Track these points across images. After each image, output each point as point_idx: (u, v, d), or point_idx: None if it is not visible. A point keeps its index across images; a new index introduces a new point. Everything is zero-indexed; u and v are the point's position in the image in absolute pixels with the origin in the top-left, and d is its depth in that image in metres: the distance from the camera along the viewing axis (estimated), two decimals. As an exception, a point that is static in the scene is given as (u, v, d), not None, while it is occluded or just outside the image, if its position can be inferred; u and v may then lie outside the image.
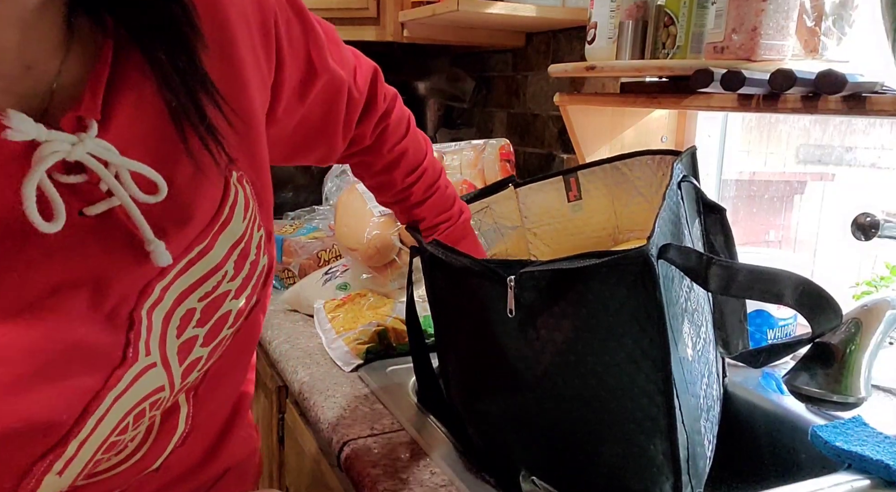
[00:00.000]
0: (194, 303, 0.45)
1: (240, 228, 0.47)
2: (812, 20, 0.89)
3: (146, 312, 0.42)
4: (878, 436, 0.69)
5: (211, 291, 0.46)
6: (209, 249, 0.45)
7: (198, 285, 0.45)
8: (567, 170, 0.95)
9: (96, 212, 0.40)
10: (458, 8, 1.26)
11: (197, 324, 0.45)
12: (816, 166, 1.17)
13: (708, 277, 0.56)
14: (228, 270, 0.46)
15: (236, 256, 0.47)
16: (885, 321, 0.67)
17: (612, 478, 0.60)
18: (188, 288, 0.44)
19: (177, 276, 0.43)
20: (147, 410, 0.44)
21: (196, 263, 0.44)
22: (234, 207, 0.47)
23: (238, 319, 0.49)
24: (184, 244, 0.44)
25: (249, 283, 0.49)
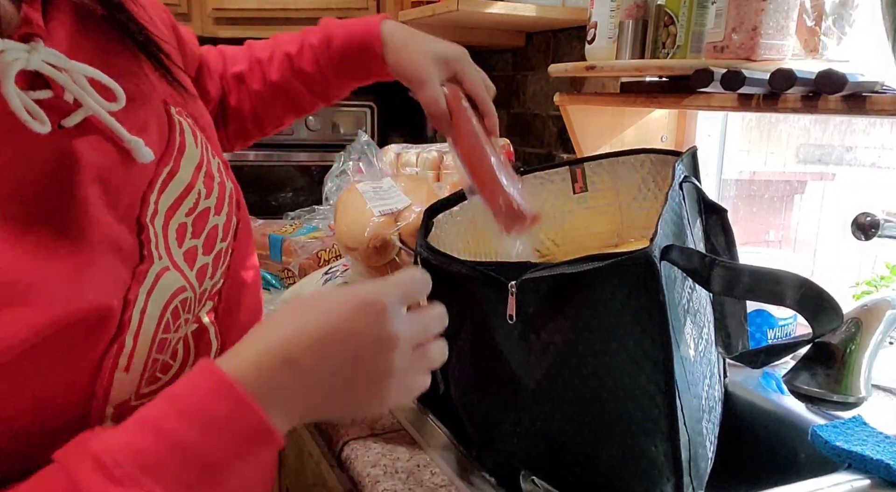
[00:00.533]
0: (183, 217, 0.48)
1: (196, 153, 0.51)
2: (812, 20, 0.89)
3: (149, 221, 0.45)
4: (878, 436, 0.69)
5: (193, 208, 0.49)
6: (176, 170, 0.48)
7: (179, 202, 0.48)
8: (573, 160, 0.94)
9: (73, 122, 0.42)
10: (457, 8, 1.26)
11: (192, 236, 0.48)
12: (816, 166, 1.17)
13: (711, 279, 0.56)
14: (200, 189, 0.50)
15: (203, 177, 0.51)
16: (885, 321, 0.67)
17: (612, 479, 0.60)
18: (172, 204, 0.47)
19: (159, 192, 0.46)
20: (181, 311, 0.46)
21: (169, 184, 0.47)
22: (183, 134, 0.50)
23: (227, 234, 0.53)
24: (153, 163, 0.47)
25: (224, 202, 0.53)
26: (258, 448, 0.38)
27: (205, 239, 0.49)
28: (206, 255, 0.49)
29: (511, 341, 0.61)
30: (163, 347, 0.45)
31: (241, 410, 0.36)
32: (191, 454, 0.36)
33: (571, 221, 0.96)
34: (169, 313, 0.44)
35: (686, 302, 0.63)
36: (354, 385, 0.40)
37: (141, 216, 0.44)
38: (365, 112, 1.82)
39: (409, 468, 0.69)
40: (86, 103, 0.42)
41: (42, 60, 0.40)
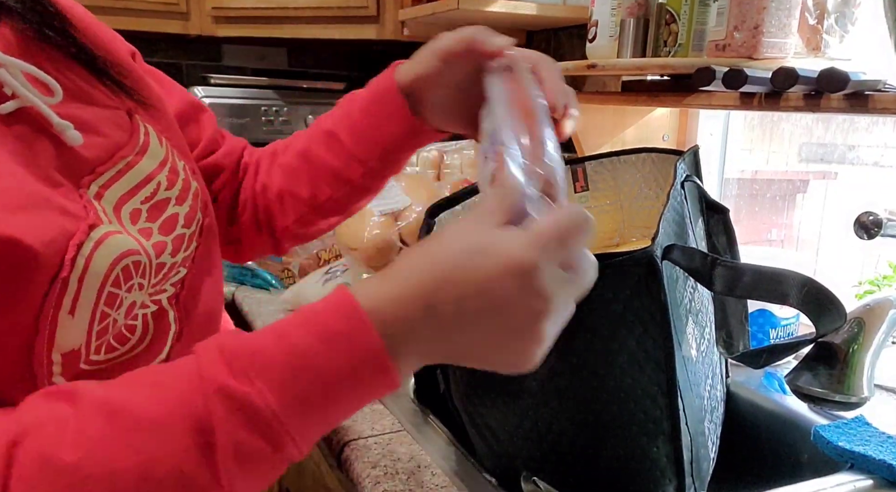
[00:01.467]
0: (138, 204, 0.51)
1: (161, 151, 0.55)
2: (814, 18, 0.88)
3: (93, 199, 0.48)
4: (880, 436, 0.69)
5: (151, 196, 0.52)
6: (135, 163, 0.52)
7: (137, 190, 0.51)
8: (574, 159, 0.94)
9: (8, 110, 0.45)
10: (458, 6, 1.26)
11: (147, 219, 0.51)
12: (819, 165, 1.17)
13: (713, 278, 0.55)
14: (161, 180, 0.53)
15: (167, 171, 0.54)
16: (888, 321, 0.66)
17: (614, 480, 0.60)
18: (128, 192, 0.51)
19: (112, 180, 0.50)
20: (133, 272, 0.48)
21: (126, 174, 0.51)
22: (147, 136, 0.54)
23: (189, 223, 0.55)
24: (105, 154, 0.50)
25: (188, 195, 0.56)
26: (372, 377, 0.38)
27: (161, 222, 0.52)
28: (164, 235, 0.52)
29: (512, 342, 0.61)
30: (112, 301, 0.46)
31: (362, 334, 0.37)
32: (305, 362, 0.37)
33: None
34: (119, 269, 0.47)
35: (688, 302, 0.63)
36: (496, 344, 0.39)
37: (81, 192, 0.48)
38: (365, 111, 1.81)
39: (409, 469, 0.69)
40: (20, 94, 0.45)
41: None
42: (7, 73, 0.45)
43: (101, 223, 0.46)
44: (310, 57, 2.09)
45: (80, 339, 0.45)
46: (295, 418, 0.37)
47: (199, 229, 0.57)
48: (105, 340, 0.47)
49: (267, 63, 2.04)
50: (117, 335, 0.48)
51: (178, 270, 0.54)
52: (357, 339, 0.37)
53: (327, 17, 1.54)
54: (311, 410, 0.38)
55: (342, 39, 1.57)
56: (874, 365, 0.64)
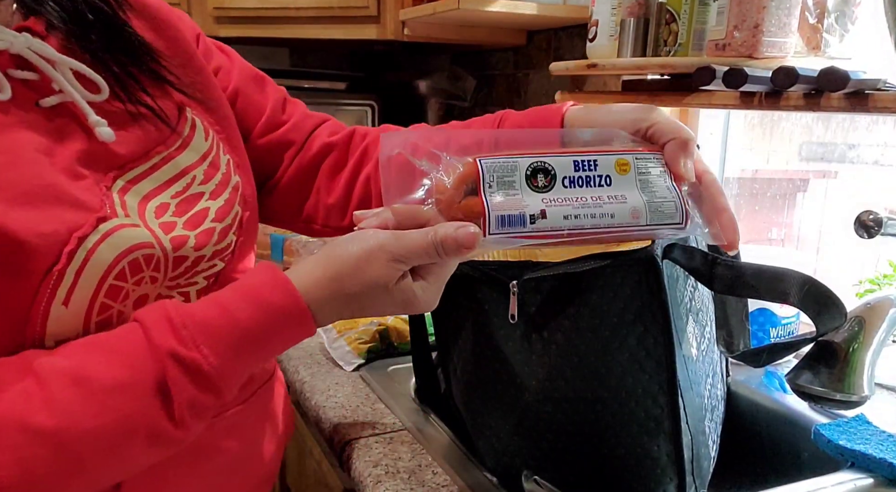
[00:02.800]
0: (167, 198, 0.53)
1: (204, 145, 0.57)
2: (814, 17, 0.88)
3: (117, 193, 0.50)
4: (881, 434, 0.69)
5: (182, 191, 0.54)
6: (173, 157, 0.54)
7: (169, 185, 0.53)
8: None
9: (50, 103, 0.48)
10: (458, 6, 1.26)
11: (173, 214, 0.53)
12: (819, 164, 1.17)
13: (713, 277, 0.56)
14: (198, 175, 0.55)
15: (206, 166, 0.56)
16: (888, 319, 0.67)
17: (615, 479, 0.60)
18: (159, 186, 0.52)
19: (143, 175, 0.52)
20: (143, 265, 0.49)
21: (161, 168, 0.53)
22: (193, 129, 0.56)
23: (223, 217, 0.56)
24: (140, 150, 0.52)
25: (224, 189, 0.57)
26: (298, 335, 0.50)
27: (190, 217, 0.54)
28: (188, 229, 0.53)
29: (513, 341, 0.61)
30: (116, 293, 0.48)
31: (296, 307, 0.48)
32: (245, 330, 0.46)
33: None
34: (126, 262, 0.48)
35: (688, 301, 0.63)
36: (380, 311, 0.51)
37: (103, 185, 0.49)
38: (366, 111, 1.82)
39: (410, 468, 0.69)
40: (65, 90, 0.48)
41: (26, 46, 0.47)
42: (54, 70, 0.48)
43: (113, 216, 0.48)
44: (311, 57, 2.09)
45: (75, 329, 0.46)
46: (234, 374, 0.47)
47: (239, 223, 0.58)
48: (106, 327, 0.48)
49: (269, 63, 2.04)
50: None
51: (213, 263, 0.55)
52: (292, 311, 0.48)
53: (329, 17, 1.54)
54: (247, 363, 0.48)
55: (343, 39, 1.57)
56: (874, 364, 0.64)
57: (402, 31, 1.48)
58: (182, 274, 0.53)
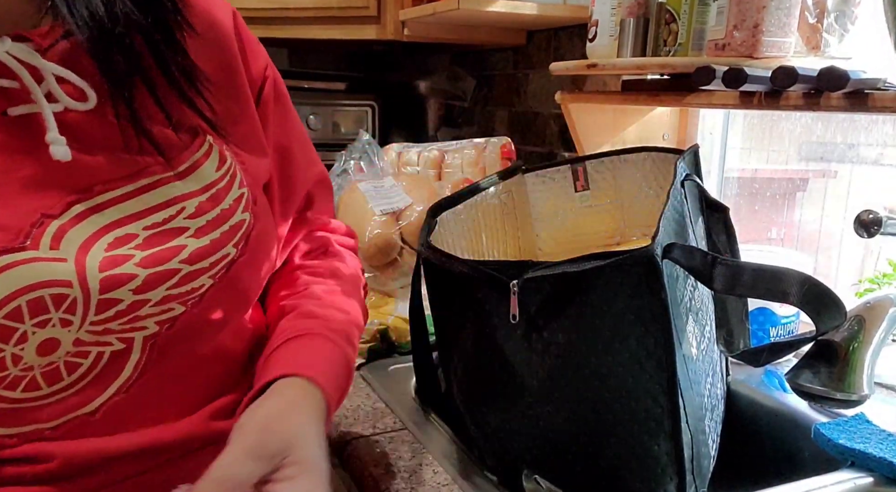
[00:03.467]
0: (137, 229, 0.48)
1: (211, 175, 0.52)
2: (814, 17, 0.89)
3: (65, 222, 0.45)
4: (881, 433, 0.69)
5: (161, 223, 0.49)
6: (165, 182, 0.49)
7: (145, 214, 0.48)
8: (575, 159, 0.94)
9: (17, 113, 0.45)
10: (458, 6, 1.26)
11: (136, 247, 0.48)
12: (819, 163, 1.17)
13: (713, 277, 0.56)
14: (188, 207, 0.50)
15: (205, 198, 0.51)
16: (887, 318, 0.67)
17: (615, 478, 0.60)
18: (131, 215, 0.48)
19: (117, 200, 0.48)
20: (49, 304, 0.45)
21: (143, 195, 0.48)
22: (208, 155, 0.52)
23: (198, 259, 0.50)
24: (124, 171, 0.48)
25: (216, 228, 0.52)
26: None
27: (154, 253, 0.48)
28: (143, 266, 0.48)
29: (513, 341, 0.61)
30: (8, 335, 0.44)
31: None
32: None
33: (573, 219, 0.96)
34: (23, 300, 0.44)
35: (688, 300, 0.63)
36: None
37: (53, 211, 0.45)
38: (366, 111, 1.82)
39: (411, 467, 0.69)
40: (36, 99, 0.45)
41: (6, 51, 0.44)
42: (30, 77, 0.45)
43: (32, 248, 0.44)
44: (311, 57, 2.09)
45: None
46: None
47: (226, 266, 0.52)
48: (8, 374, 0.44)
49: (268, 63, 2.04)
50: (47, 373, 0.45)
51: (167, 306, 0.49)
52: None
53: (328, 17, 1.54)
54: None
55: (343, 39, 1.57)
56: (874, 363, 0.64)
57: (401, 31, 1.48)
58: (114, 318, 0.47)
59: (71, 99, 0.46)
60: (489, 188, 0.89)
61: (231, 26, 0.58)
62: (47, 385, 0.46)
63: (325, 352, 0.57)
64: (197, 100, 0.52)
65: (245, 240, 0.54)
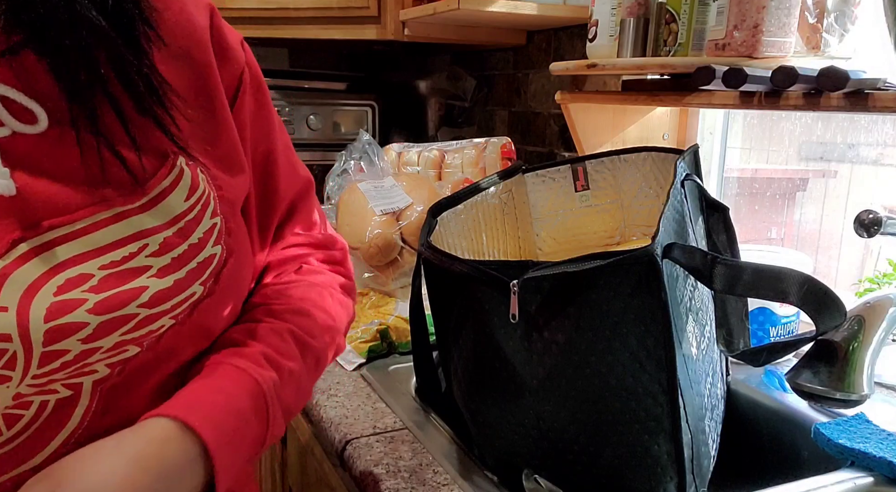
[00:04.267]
0: (93, 269, 0.43)
1: (179, 206, 0.47)
2: (814, 17, 0.89)
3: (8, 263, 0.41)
4: (881, 433, 0.69)
5: (119, 262, 0.44)
6: (127, 216, 0.44)
7: (104, 251, 0.43)
8: (575, 158, 0.94)
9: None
10: (458, 6, 1.26)
11: (90, 289, 0.43)
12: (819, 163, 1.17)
13: (713, 277, 0.56)
14: (151, 244, 0.45)
15: (171, 232, 0.46)
16: (887, 318, 0.67)
17: (615, 478, 0.60)
18: (90, 252, 0.43)
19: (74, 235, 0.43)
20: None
21: (102, 229, 0.43)
22: (176, 183, 0.46)
23: (160, 302, 0.45)
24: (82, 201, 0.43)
25: (182, 266, 0.47)
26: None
27: (109, 296, 0.43)
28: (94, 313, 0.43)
29: (513, 341, 0.61)
30: None
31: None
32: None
33: (573, 219, 0.96)
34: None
35: (688, 300, 0.63)
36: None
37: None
38: (366, 111, 1.82)
39: (411, 467, 0.69)
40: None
41: None
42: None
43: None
44: (311, 57, 2.09)
45: None
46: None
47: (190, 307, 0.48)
48: None
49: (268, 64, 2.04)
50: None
51: (121, 349, 0.45)
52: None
53: (328, 17, 1.54)
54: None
55: (343, 40, 1.57)
56: (874, 363, 0.64)
57: (402, 32, 1.48)
58: (59, 369, 0.43)
59: (17, 121, 0.41)
60: (489, 188, 0.89)
61: (207, 26, 0.53)
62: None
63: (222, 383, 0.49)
64: (166, 120, 0.47)
65: (214, 277, 0.49)
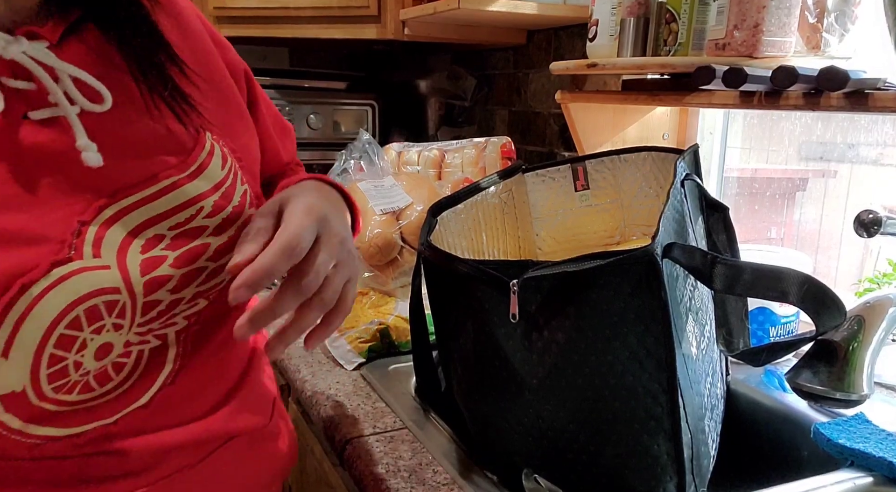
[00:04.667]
0: (164, 230, 0.48)
1: (220, 174, 0.52)
2: (814, 17, 0.89)
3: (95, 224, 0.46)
4: (880, 433, 0.69)
5: (183, 223, 0.49)
6: (182, 184, 0.49)
7: (169, 215, 0.49)
8: (575, 158, 0.94)
9: (40, 116, 0.44)
10: (459, 6, 1.26)
11: (166, 248, 0.49)
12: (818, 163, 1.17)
13: (713, 277, 0.56)
14: (205, 206, 0.51)
15: (217, 196, 0.51)
16: (887, 318, 0.67)
17: (615, 477, 0.60)
18: (157, 216, 0.48)
19: (139, 203, 0.48)
20: (103, 311, 0.46)
21: (165, 196, 0.49)
22: (211, 156, 0.52)
23: (221, 255, 0.52)
24: (141, 176, 0.48)
25: (231, 225, 0.53)
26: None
27: (182, 253, 0.49)
28: (175, 267, 0.49)
29: (513, 340, 0.61)
30: (69, 344, 0.45)
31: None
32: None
33: (573, 218, 0.96)
34: (81, 310, 0.45)
35: (688, 300, 0.63)
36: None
37: (85, 217, 0.45)
38: (366, 110, 1.82)
39: (411, 467, 0.69)
40: (59, 103, 0.44)
41: (22, 52, 0.43)
42: (51, 80, 0.44)
43: (77, 258, 0.44)
44: (311, 57, 2.09)
45: (19, 381, 0.44)
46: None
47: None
48: (69, 381, 0.45)
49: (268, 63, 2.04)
50: (99, 375, 0.47)
51: (194, 302, 0.52)
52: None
53: (328, 16, 1.54)
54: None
55: (343, 39, 1.57)
56: (874, 362, 0.64)
57: (402, 31, 1.48)
58: (155, 318, 0.50)
59: (87, 101, 0.45)
60: (489, 188, 0.89)
61: (199, 24, 0.58)
62: (99, 386, 0.47)
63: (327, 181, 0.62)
64: (196, 95, 0.52)
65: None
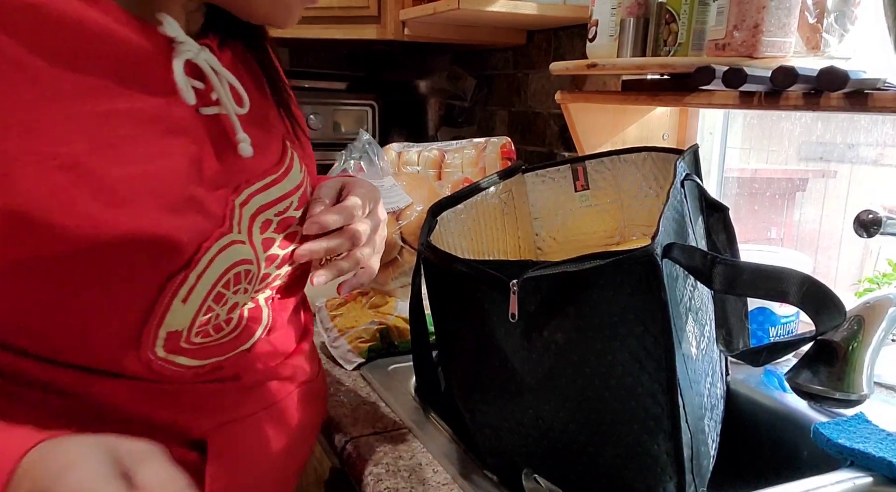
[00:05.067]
0: (272, 216, 0.58)
1: (299, 176, 0.62)
2: (814, 17, 0.89)
3: (238, 205, 0.55)
4: (880, 433, 0.69)
5: (283, 211, 0.59)
6: (279, 181, 0.59)
7: (274, 203, 0.58)
8: (575, 158, 0.94)
9: (208, 112, 0.54)
10: (458, 6, 1.26)
11: (274, 231, 0.58)
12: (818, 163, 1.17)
13: (712, 277, 0.56)
14: (294, 201, 0.61)
15: (300, 194, 0.62)
16: (887, 318, 0.67)
17: (615, 477, 0.60)
18: (269, 203, 0.58)
19: (258, 191, 0.57)
20: (242, 278, 0.56)
21: (270, 188, 0.58)
22: (292, 160, 0.62)
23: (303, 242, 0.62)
24: (260, 169, 0.58)
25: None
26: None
27: (285, 236, 0.60)
28: (282, 248, 0.59)
29: (513, 340, 0.61)
30: (219, 299, 0.55)
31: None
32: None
33: (573, 219, 0.96)
34: (231, 274, 0.54)
35: (688, 300, 0.63)
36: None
37: (232, 198, 0.55)
38: (366, 111, 1.82)
39: (411, 467, 0.69)
40: (223, 102, 0.54)
41: (205, 59, 0.53)
42: (219, 83, 0.54)
43: (229, 232, 0.54)
44: (311, 57, 2.09)
45: (184, 323, 0.53)
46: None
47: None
48: (206, 328, 0.55)
49: (268, 63, 2.04)
50: (216, 326, 0.56)
51: (280, 278, 0.62)
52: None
53: (329, 17, 1.54)
54: None
55: (343, 39, 1.57)
56: (874, 363, 0.64)
57: (402, 31, 1.48)
58: (263, 288, 0.60)
59: (234, 104, 0.55)
60: (489, 188, 0.89)
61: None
62: (215, 334, 0.57)
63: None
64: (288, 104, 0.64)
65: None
